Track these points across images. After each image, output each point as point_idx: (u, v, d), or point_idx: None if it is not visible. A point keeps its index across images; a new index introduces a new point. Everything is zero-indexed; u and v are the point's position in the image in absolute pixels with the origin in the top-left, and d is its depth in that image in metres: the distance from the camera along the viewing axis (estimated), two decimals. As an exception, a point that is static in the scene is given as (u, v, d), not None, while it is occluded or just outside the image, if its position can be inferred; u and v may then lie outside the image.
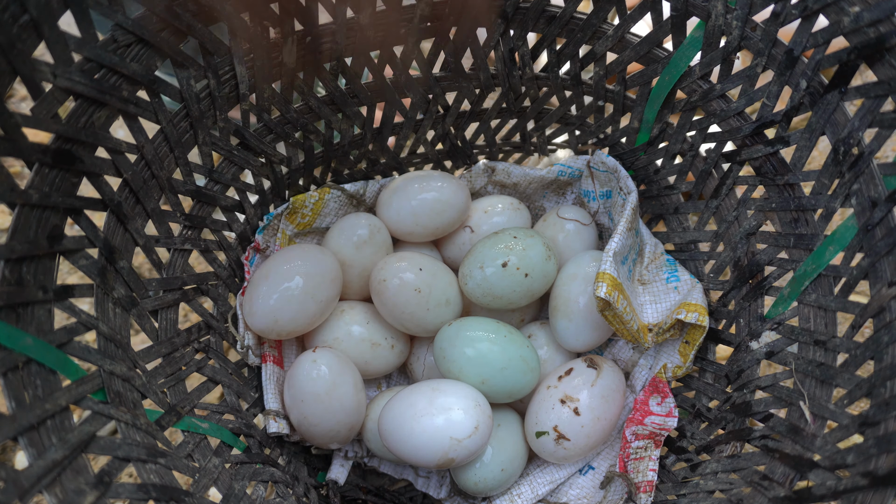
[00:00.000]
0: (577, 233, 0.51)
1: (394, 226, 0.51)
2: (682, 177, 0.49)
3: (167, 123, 0.38)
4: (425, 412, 0.41)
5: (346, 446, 0.49)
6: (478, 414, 0.41)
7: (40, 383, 0.28)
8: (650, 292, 0.48)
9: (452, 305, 0.48)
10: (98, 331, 0.33)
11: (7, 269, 0.28)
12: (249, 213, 0.48)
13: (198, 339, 0.42)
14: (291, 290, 0.43)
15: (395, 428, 0.42)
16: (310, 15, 0.41)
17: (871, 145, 0.34)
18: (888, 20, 0.32)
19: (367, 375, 0.48)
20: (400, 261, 0.47)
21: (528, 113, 0.52)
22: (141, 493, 0.30)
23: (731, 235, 0.45)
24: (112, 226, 0.36)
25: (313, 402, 0.43)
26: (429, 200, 0.49)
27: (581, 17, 0.45)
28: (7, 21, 0.27)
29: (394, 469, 0.51)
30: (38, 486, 0.25)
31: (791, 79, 0.38)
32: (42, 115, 0.30)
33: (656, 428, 0.45)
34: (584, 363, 0.46)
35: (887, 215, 0.34)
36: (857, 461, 0.30)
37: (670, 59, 0.43)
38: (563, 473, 0.47)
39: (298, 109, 0.47)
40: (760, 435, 0.39)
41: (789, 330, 0.40)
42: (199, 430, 0.38)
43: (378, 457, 0.49)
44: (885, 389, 0.31)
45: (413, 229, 0.50)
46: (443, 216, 0.50)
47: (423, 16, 0.44)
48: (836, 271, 0.37)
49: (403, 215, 0.50)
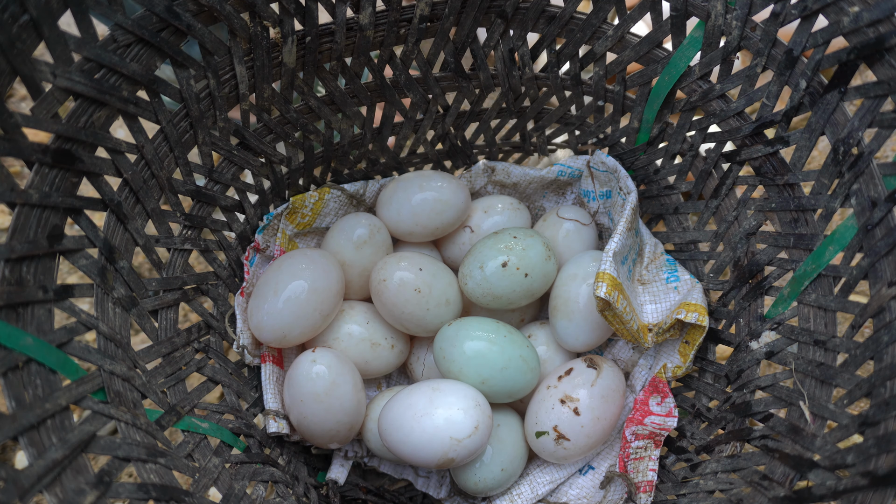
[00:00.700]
0: (577, 233, 0.51)
1: (394, 226, 0.51)
2: (681, 177, 0.49)
3: (167, 123, 0.38)
4: (425, 412, 0.41)
5: (345, 446, 0.49)
6: (478, 414, 0.41)
7: (40, 383, 0.28)
8: (650, 292, 0.48)
9: (452, 305, 0.48)
10: (98, 331, 0.33)
11: (7, 268, 0.28)
12: (249, 213, 0.48)
13: (198, 339, 0.42)
14: (301, 307, 0.44)
15: (395, 428, 0.42)
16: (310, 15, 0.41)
17: (870, 145, 0.34)
18: (888, 20, 0.32)
19: (366, 375, 0.48)
20: (400, 260, 0.47)
21: (528, 113, 0.52)
22: (141, 493, 0.30)
23: (731, 235, 0.45)
24: (112, 226, 0.36)
25: (313, 402, 0.43)
26: (429, 200, 0.49)
27: (581, 17, 0.45)
28: (7, 21, 0.27)
29: (394, 469, 0.51)
30: (39, 485, 0.25)
31: (791, 79, 0.38)
32: (42, 115, 0.30)
33: (656, 428, 0.45)
34: (584, 363, 0.46)
35: (887, 215, 0.34)
36: (857, 461, 0.30)
37: (670, 59, 0.43)
38: (563, 473, 0.47)
39: (298, 109, 0.47)
40: (760, 435, 0.39)
41: (789, 330, 0.40)
42: (198, 429, 0.38)
43: (378, 456, 0.49)
44: (884, 389, 0.31)
45: (413, 229, 0.50)
46: (442, 216, 0.50)
47: (423, 16, 0.44)
48: (836, 271, 0.37)
49: (403, 215, 0.50)
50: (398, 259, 0.48)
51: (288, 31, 0.41)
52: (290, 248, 0.51)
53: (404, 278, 0.46)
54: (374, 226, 0.50)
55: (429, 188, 0.49)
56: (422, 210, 0.49)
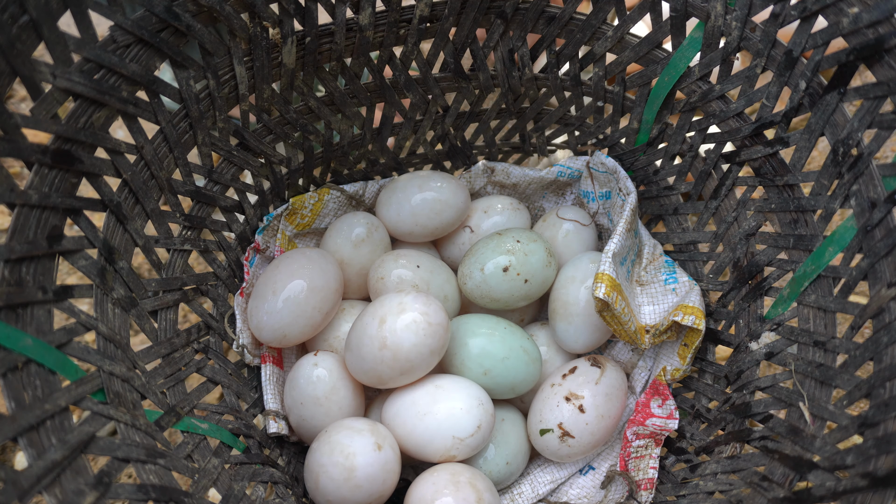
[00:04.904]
0: (577, 233, 0.51)
1: (393, 226, 0.51)
2: (681, 177, 0.49)
3: (166, 124, 0.38)
4: (427, 410, 0.41)
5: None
6: (480, 413, 0.41)
7: (40, 384, 0.28)
8: (648, 293, 0.48)
9: (450, 302, 0.48)
10: (97, 331, 0.33)
11: (7, 269, 0.28)
12: (249, 214, 0.48)
13: (197, 340, 0.42)
14: (300, 306, 0.43)
15: (397, 425, 0.42)
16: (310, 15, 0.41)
17: (870, 146, 0.34)
18: (887, 21, 0.32)
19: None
20: (398, 258, 0.47)
21: (528, 113, 0.52)
22: (140, 494, 0.30)
23: (731, 236, 0.45)
24: (111, 226, 0.36)
25: (313, 405, 0.43)
26: (428, 201, 0.49)
27: (580, 17, 0.45)
28: (7, 21, 0.27)
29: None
30: (38, 486, 0.25)
31: (790, 79, 0.38)
32: (41, 116, 0.30)
33: (657, 429, 0.45)
34: (587, 362, 0.46)
35: (886, 216, 0.34)
36: (857, 462, 0.30)
37: (670, 60, 0.43)
38: (563, 473, 0.47)
39: (298, 110, 0.47)
40: (760, 436, 0.39)
41: (789, 331, 0.40)
42: (198, 430, 0.38)
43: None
44: (884, 390, 0.31)
45: (412, 229, 0.50)
46: (442, 216, 0.50)
47: (423, 16, 0.44)
48: (836, 272, 0.37)
49: (403, 215, 0.50)
50: (396, 257, 0.48)
51: (287, 31, 0.41)
52: (289, 248, 0.51)
53: (402, 275, 0.47)
54: (371, 224, 0.50)
55: (428, 188, 0.49)
56: (421, 210, 0.49)
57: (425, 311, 0.40)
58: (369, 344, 0.40)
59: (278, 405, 0.45)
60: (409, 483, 0.51)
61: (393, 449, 0.40)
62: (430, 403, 0.41)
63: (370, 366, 0.41)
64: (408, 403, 0.42)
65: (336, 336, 0.47)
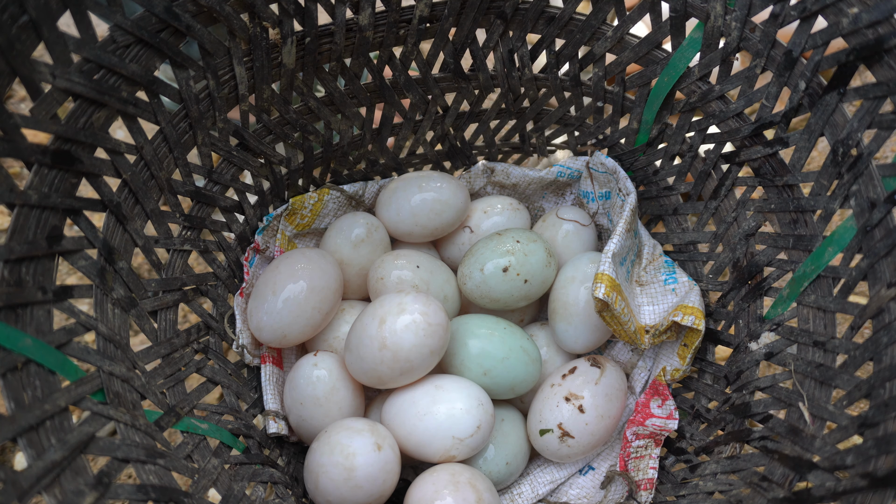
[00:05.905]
0: (577, 233, 0.51)
1: (393, 226, 0.51)
2: (681, 178, 0.49)
3: (166, 124, 0.38)
4: (427, 410, 0.41)
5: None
6: (480, 413, 0.41)
7: (39, 384, 0.28)
8: (648, 294, 0.48)
9: (450, 302, 0.48)
10: (97, 331, 0.33)
11: (6, 269, 0.28)
12: (249, 214, 0.48)
13: (197, 340, 0.42)
14: (300, 306, 0.43)
15: (397, 426, 0.42)
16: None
17: (869, 146, 0.34)
18: (887, 21, 0.32)
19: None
20: (397, 258, 0.47)
21: (528, 114, 0.52)
22: (140, 494, 0.30)
23: (731, 236, 0.45)
24: (111, 226, 0.36)
25: (312, 406, 0.43)
26: (428, 201, 0.49)
27: (580, 17, 0.45)
28: (6, 21, 0.27)
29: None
30: (38, 486, 0.25)
31: (790, 80, 0.38)
32: (41, 116, 0.30)
33: (657, 429, 0.45)
34: (587, 362, 0.46)
35: (886, 216, 0.34)
36: (857, 462, 0.30)
37: (669, 60, 0.43)
38: (563, 473, 0.47)
39: (298, 110, 0.47)
40: (760, 436, 0.39)
41: (788, 331, 0.40)
42: (198, 430, 0.38)
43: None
44: (884, 390, 0.31)
45: (412, 229, 0.50)
46: (442, 216, 0.50)
47: (423, 16, 0.44)
48: (835, 272, 0.37)
49: (403, 216, 0.50)
50: (395, 257, 0.48)
51: (287, 31, 0.41)
52: (289, 248, 0.51)
53: (402, 276, 0.47)
54: (371, 225, 0.50)
55: (428, 189, 0.49)
56: (421, 210, 0.49)
57: (425, 311, 0.40)
58: (369, 344, 0.40)
59: (278, 405, 0.45)
60: (409, 483, 0.51)
61: (393, 449, 0.40)
62: (430, 404, 0.41)
63: (370, 366, 0.41)
64: (407, 404, 0.42)
65: (336, 336, 0.47)
